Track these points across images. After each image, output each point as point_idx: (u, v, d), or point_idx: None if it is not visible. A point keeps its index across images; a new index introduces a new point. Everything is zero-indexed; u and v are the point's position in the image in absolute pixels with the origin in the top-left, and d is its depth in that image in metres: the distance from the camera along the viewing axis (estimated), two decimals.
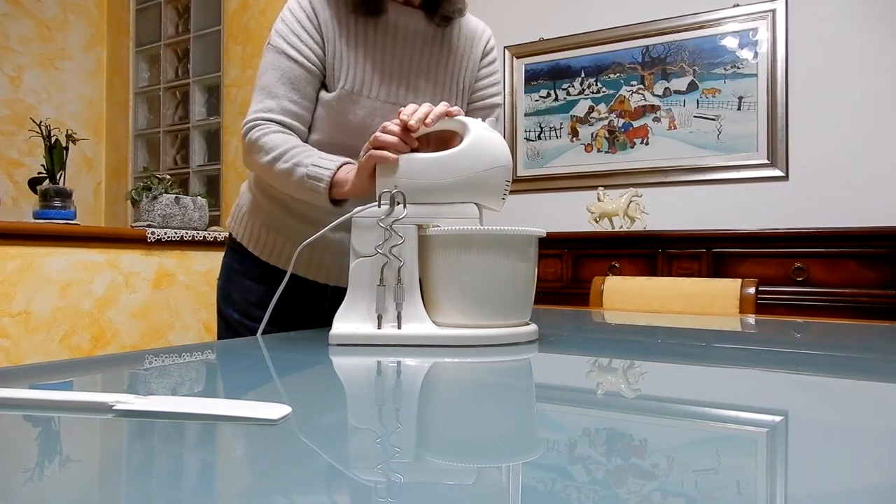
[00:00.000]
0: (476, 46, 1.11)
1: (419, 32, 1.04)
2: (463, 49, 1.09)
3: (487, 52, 1.13)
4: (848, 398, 0.55)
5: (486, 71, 1.13)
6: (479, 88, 1.13)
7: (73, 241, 2.22)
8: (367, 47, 1.01)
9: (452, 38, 1.08)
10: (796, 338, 1.01)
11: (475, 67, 1.11)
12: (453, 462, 0.36)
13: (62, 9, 3.69)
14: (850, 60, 2.43)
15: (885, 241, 2.05)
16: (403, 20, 1.03)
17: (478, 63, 1.12)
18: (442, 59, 1.07)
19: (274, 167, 0.96)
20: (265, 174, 1.00)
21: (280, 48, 1.00)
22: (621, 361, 0.74)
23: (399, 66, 1.04)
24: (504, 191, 0.86)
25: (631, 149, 2.84)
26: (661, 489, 0.31)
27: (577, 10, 2.97)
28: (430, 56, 1.06)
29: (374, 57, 1.02)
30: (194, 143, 3.56)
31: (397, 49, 1.03)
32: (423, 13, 1.05)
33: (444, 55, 1.07)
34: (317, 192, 0.92)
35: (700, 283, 1.69)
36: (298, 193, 0.96)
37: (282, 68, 0.99)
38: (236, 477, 0.35)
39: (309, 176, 0.92)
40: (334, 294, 1.08)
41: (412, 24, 1.04)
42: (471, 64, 1.11)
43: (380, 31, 1.02)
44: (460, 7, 1.06)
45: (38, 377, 0.64)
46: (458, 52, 1.09)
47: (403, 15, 1.03)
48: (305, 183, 0.93)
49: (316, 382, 0.62)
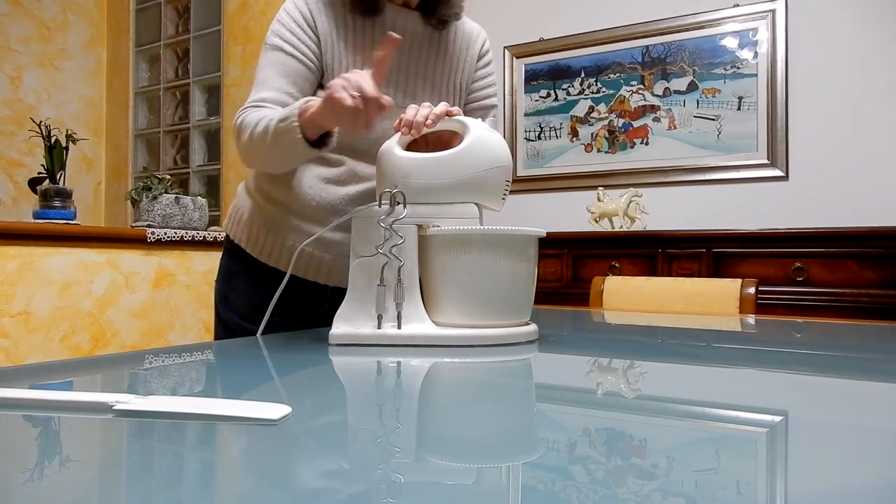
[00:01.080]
0: (472, 48, 1.12)
1: (416, 34, 1.05)
2: (459, 51, 1.10)
3: (483, 53, 1.15)
4: (848, 398, 0.55)
5: (482, 72, 1.14)
6: (476, 90, 1.14)
7: (73, 241, 2.22)
8: (364, 48, 1.02)
9: (449, 40, 1.09)
10: (796, 338, 1.01)
11: (472, 69, 1.13)
12: (453, 462, 0.36)
13: (62, 9, 3.69)
14: (850, 60, 2.43)
15: (885, 241, 2.05)
16: (401, 21, 1.03)
17: (474, 65, 1.13)
18: (438, 61, 1.08)
19: (253, 136, 0.94)
20: (251, 153, 0.98)
21: (276, 45, 1.00)
22: (621, 361, 0.74)
23: (396, 67, 1.04)
24: (504, 191, 0.86)
25: (631, 149, 2.84)
26: (661, 489, 0.31)
27: (577, 10, 2.97)
28: (426, 57, 1.07)
29: (370, 58, 1.02)
30: (194, 143, 3.56)
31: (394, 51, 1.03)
32: (420, 15, 1.05)
33: (440, 57, 1.08)
34: (290, 131, 0.89)
35: (700, 283, 1.69)
36: (278, 148, 0.92)
37: (278, 62, 1.00)
38: (236, 477, 0.35)
39: (280, 119, 0.89)
40: (334, 295, 1.08)
41: (409, 26, 1.04)
42: (467, 66, 1.12)
43: (377, 32, 1.02)
44: (457, 11, 1.08)
45: (38, 377, 0.64)
46: (455, 53, 1.10)
47: (401, 16, 1.03)
48: (279, 128, 0.90)
49: (316, 382, 0.62)
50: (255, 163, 1.03)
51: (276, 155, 0.95)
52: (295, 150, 0.91)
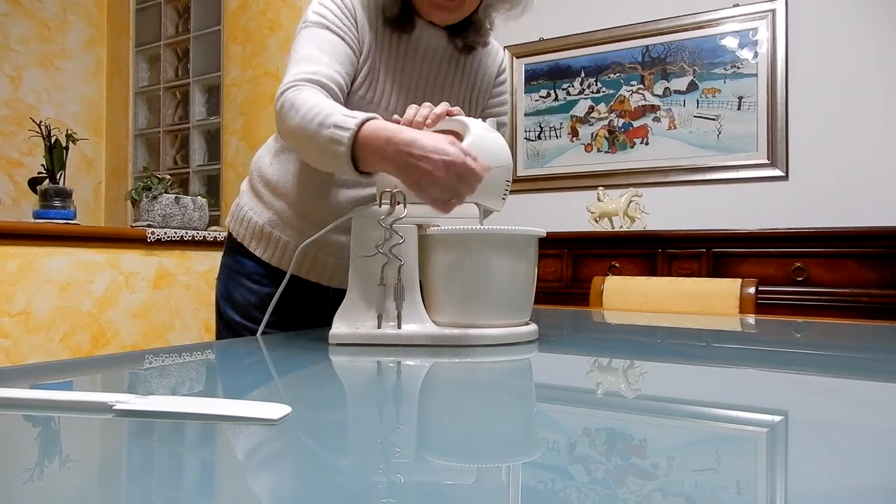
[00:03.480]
0: (491, 67, 1.13)
1: (438, 51, 1.05)
2: (479, 69, 1.11)
3: (501, 72, 1.15)
4: (848, 398, 0.55)
5: (497, 90, 1.15)
6: (489, 107, 1.15)
7: (73, 241, 2.22)
8: (392, 61, 1.02)
9: (470, 59, 1.10)
10: (796, 338, 1.01)
11: (489, 87, 1.13)
12: (453, 462, 0.36)
13: (62, 9, 3.69)
14: (850, 60, 2.43)
15: (885, 241, 2.05)
16: (426, 37, 1.04)
17: (492, 82, 1.14)
18: (457, 79, 1.09)
19: (301, 129, 0.83)
20: (296, 137, 0.86)
21: (322, 23, 0.95)
22: (621, 361, 0.74)
23: (416, 82, 1.04)
24: (504, 191, 0.86)
25: (631, 149, 2.84)
26: (661, 489, 0.31)
27: (577, 10, 2.97)
28: (446, 75, 1.07)
29: (394, 70, 1.02)
30: (194, 143, 3.56)
31: (416, 65, 1.04)
32: (447, 33, 1.05)
33: (459, 75, 1.09)
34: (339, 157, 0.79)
35: (700, 283, 1.69)
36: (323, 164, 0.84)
37: (325, 40, 0.94)
38: (236, 477, 0.35)
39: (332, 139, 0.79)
40: (336, 296, 1.08)
41: (434, 42, 1.05)
42: (485, 84, 1.13)
43: (402, 46, 1.03)
44: (486, 39, 1.08)
45: (38, 377, 0.64)
46: (474, 72, 1.10)
47: (427, 32, 1.04)
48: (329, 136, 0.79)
49: (316, 382, 0.62)
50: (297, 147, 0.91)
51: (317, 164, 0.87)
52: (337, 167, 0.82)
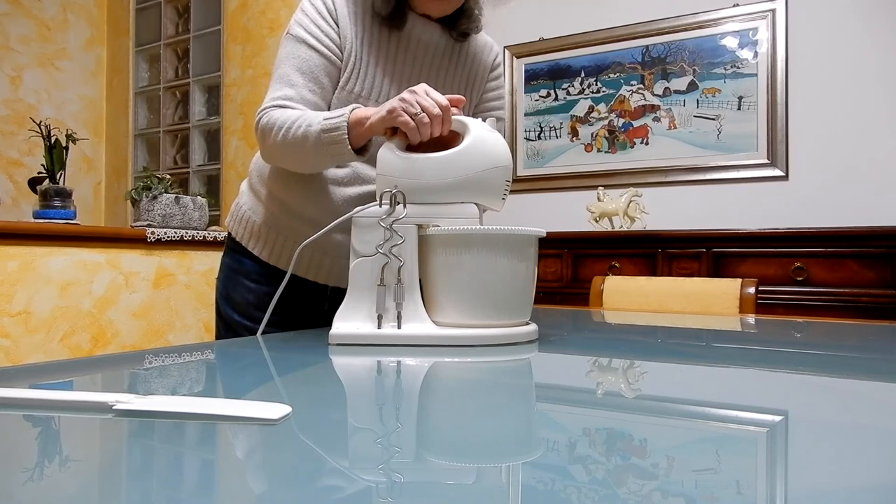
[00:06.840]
0: (485, 61, 1.14)
1: (432, 45, 1.06)
2: (474, 63, 1.12)
3: (495, 66, 1.16)
4: (848, 398, 0.55)
5: (492, 85, 1.16)
6: (484, 101, 1.15)
7: (73, 241, 2.22)
8: (381, 54, 1.02)
9: (465, 52, 1.10)
10: (796, 338, 1.01)
11: (483, 81, 1.14)
12: (453, 462, 0.36)
13: (62, 9, 3.69)
14: (849, 60, 2.43)
15: (885, 241, 2.05)
16: (418, 31, 1.04)
17: (486, 76, 1.14)
18: (454, 72, 1.09)
19: (287, 138, 0.92)
20: (282, 154, 0.97)
21: (299, 37, 0.99)
22: (621, 361, 0.74)
23: (409, 76, 1.05)
24: (504, 191, 0.86)
25: (631, 149, 2.84)
26: (661, 489, 0.31)
27: (577, 10, 2.97)
28: (440, 68, 1.08)
29: (386, 65, 1.03)
30: (194, 143, 3.56)
31: (409, 59, 1.04)
32: (440, 27, 1.06)
33: (456, 68, 1.09)
34: (337, 142, 0.88)
35: (700, 283, 1.69)
36: (319, 156, 0.92)
37: (300, 57, 0.99)
38: (236, 477, 0.35)
39: (325, 129, 0.89)
40: (334, 295, 1.08)
41: (426, 36, 1.05)
42: (479, 78, 1.13)
43: (393, 40, 1.03)
44: (478, 24, 1.08)
45: (38, 377, 0.64)
46: (469, 66, 1.11)
47: (419, 26, 1.04)
48: (322, 138, 0.89)
49: (316, 382, 0.62)
50: (284, 163, 1.00)
51: (313, 159, 0.94)
52: (339, 159, 0.92)
